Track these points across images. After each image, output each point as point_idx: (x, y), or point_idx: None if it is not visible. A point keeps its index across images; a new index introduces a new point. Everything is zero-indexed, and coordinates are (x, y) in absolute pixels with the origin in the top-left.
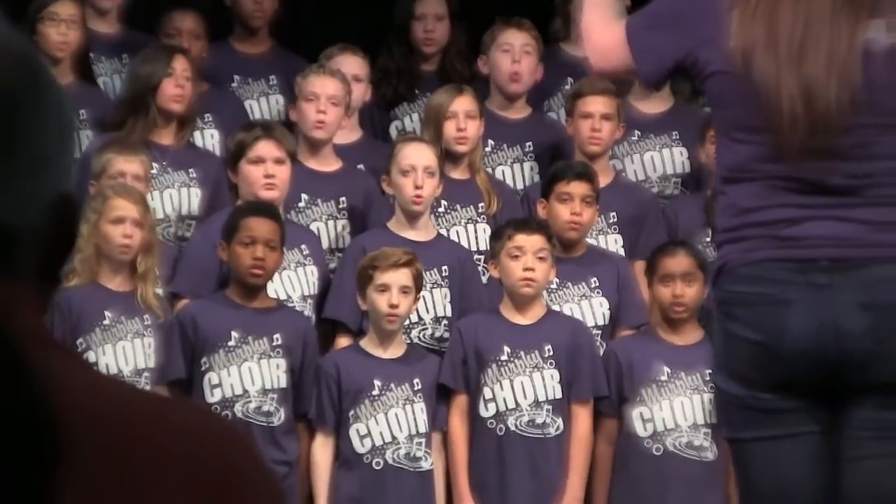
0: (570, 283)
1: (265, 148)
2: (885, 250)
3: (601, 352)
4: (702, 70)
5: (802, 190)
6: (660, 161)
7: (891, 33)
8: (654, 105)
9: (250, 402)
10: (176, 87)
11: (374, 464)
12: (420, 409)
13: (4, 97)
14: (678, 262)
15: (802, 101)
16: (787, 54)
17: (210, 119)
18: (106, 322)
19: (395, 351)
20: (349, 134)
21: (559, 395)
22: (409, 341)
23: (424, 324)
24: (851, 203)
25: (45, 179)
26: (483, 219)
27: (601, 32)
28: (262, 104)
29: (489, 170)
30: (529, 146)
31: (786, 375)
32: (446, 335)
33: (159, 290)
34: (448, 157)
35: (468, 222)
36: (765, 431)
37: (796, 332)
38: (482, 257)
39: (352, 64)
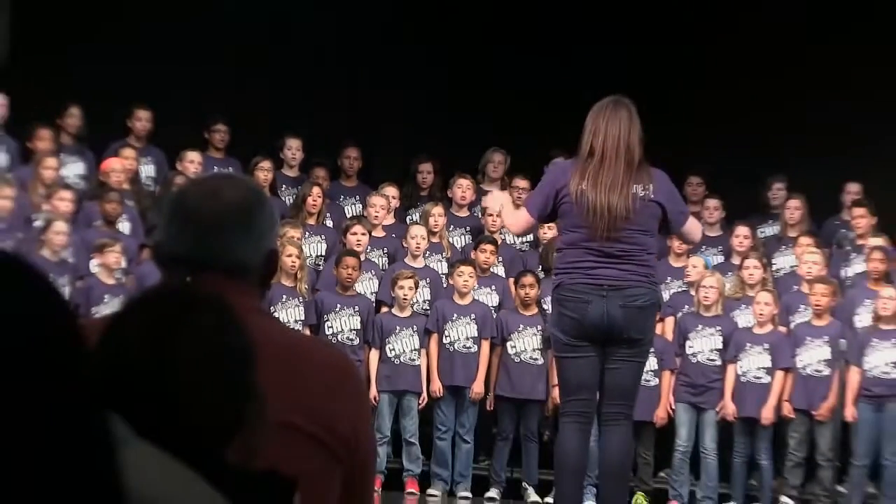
0: (482, 287)
1: (357, 227)
2: (632, 282)
3: (495, 317)
4: (559, 200)
5: (599, 254)
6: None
7: (641, 190)
8: None
9: (345, 334)
10: (312, 200)
11: (395, 361)
12: (416, 339)
13: (246, 205)
14: (528, 279)
15: (607, 215)
16: (602, 193)
17: (329, 214)
18: (283, 300)
19: (406, 314)
20: (389, 220)
21: (476, 335)
22: (412, 311)
23: (419, 303)
24: (619, 262)
25: (264, 242)
26: (445, 259)
27: (513, 220)
28: (354, 208)
29: (450, 238)
30: (468, 228)
31: (585, 332)
32: (428, 308)
33: (306, 286)
34: (430, 233)
35: (438, 261)
36: (573, 353)
37: (592, 314)
38: (444, 276)
39: (392, 191)
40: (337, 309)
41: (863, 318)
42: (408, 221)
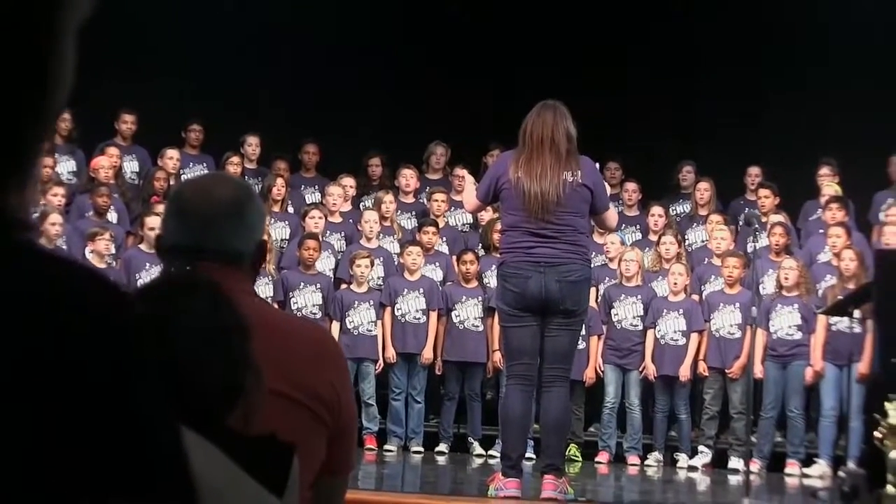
0: (427, 264)
1: (315, 212)
2: (566, 259)
3: (440, 290)
4: (500, 187)
5: (536, 235)
6: (464, 217)
7: (570, 176)
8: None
9: (308, 308)
10: (276, 190)
11: (353, 332)
12: (373, 312)
13: (238, 201)
14: (469, 256)
15: (540, 199)
16: (535, 179)
17: (290, 202)
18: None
19: (363, 290)
20: (346, 206)
21: (424, 307)
22: (368, 286)
23: (374, 279)
24: (554, 241)
25: (255, 234)
26: (396, 240)
27: (467, 200)
28: (313, 197)
29: (399, 222)
30: (413, 213)
31: (526, 304)
32: (381, 284)
33: (273, 266)
34: (382, 218)
35: (391, 242)
36: (516, 323)
37: (531, 288)
38: (396, 255)
39: (349, 181)
40: (301, 286)
41: (767, 287)
42: (361, 208)
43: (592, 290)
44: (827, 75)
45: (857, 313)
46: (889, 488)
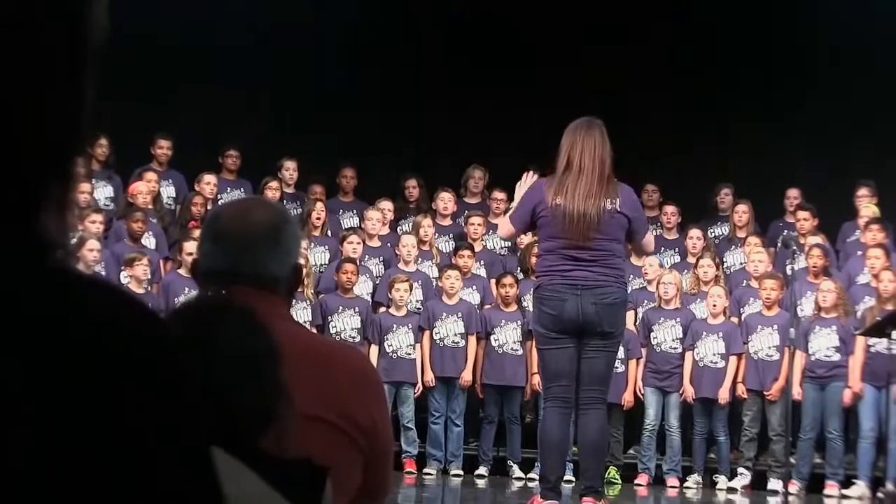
0: (465, 287)
1: (353, 237)
2: (602, 282)
3: (478, 313)
4: (538, 214)
5: (573, 259)
6: (501, 241)
7: (610, 204)
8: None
9: (347, 332)
10: (316, 215)
11: (392, 356)
12: (412, 336)
13: (274, 225)
14: (508, 280)
15: (580, 224)
16: (579, 201)
17: (329, 226)
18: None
19: (401, 313)
20: (384, 230)
21: (463, 331)
22: (407, 310)
23: (412, 303)
24: (591, 265)
25: (289, 258)
26: (434, 264)
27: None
28: (351, 221)
29: (437, 246)
30: (451, 235)
31: (563, 327)
32: (420, 307)
33: (312, 291)
34: (421, 242)
35: (429, 266)
36: (553, 346)
37: (568, 311)
38: (435, 279)
39: (387, 205)
40: (339, 310)
41: (805, 309)
42: (399, 232)
43: (631, 313)
44: (826, 75)
45: (895, 334)
46: None
